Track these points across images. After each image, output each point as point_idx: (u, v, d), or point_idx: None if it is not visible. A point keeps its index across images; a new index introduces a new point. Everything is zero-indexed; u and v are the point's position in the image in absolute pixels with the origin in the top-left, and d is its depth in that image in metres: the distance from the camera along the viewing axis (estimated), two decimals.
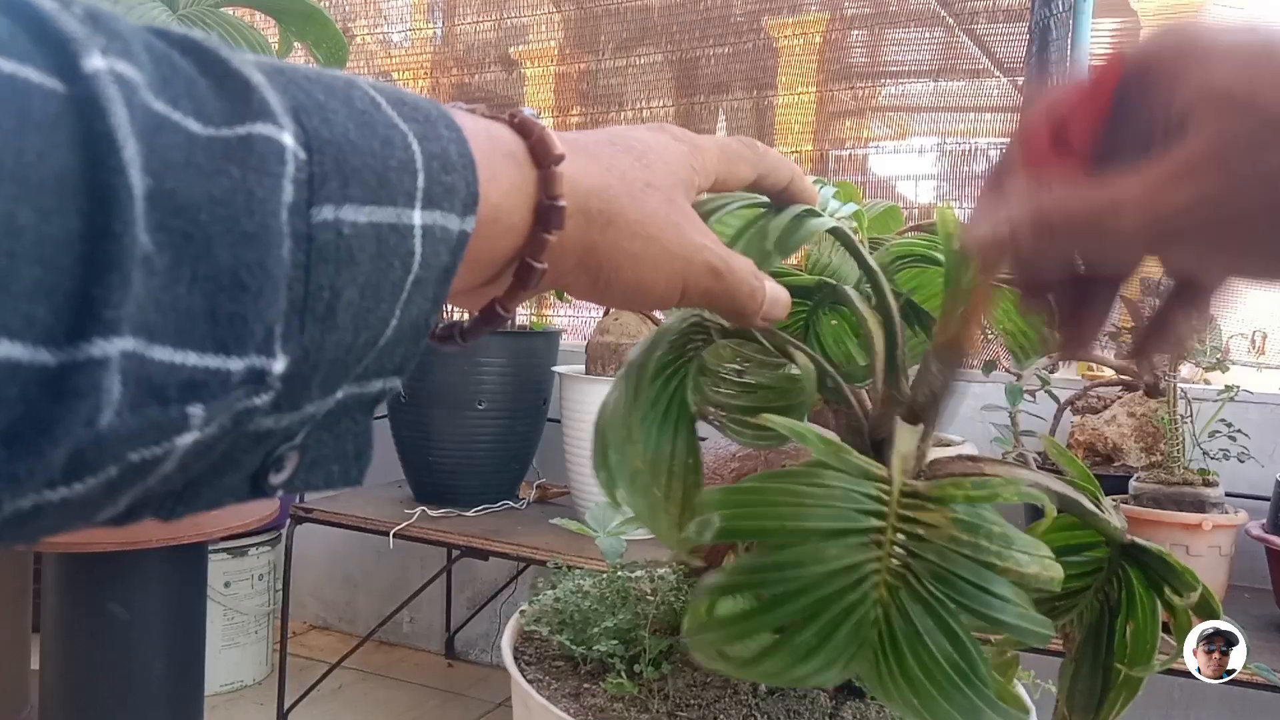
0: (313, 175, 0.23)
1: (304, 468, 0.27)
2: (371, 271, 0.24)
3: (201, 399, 0.22)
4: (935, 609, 0.33)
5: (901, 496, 0.35)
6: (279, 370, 0.23)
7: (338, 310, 0.24)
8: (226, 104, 0.22)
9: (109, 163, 0.19)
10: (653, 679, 0.54)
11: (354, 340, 0.25)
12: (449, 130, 0.27)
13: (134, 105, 0.20)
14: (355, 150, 0.24)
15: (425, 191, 0.26)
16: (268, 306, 0.22)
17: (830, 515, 0.34)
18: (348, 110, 0.25)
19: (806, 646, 0.33)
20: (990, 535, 0.34)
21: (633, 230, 0.34)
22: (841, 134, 2.40)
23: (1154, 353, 0.37)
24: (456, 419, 1.72)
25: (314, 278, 0.23)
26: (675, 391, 0.44)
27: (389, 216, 0.25)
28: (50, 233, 0.18)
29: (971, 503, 0.35)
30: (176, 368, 0.21)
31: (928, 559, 0.34)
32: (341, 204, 0.23)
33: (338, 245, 0.23)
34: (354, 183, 0.24)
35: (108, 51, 0.20)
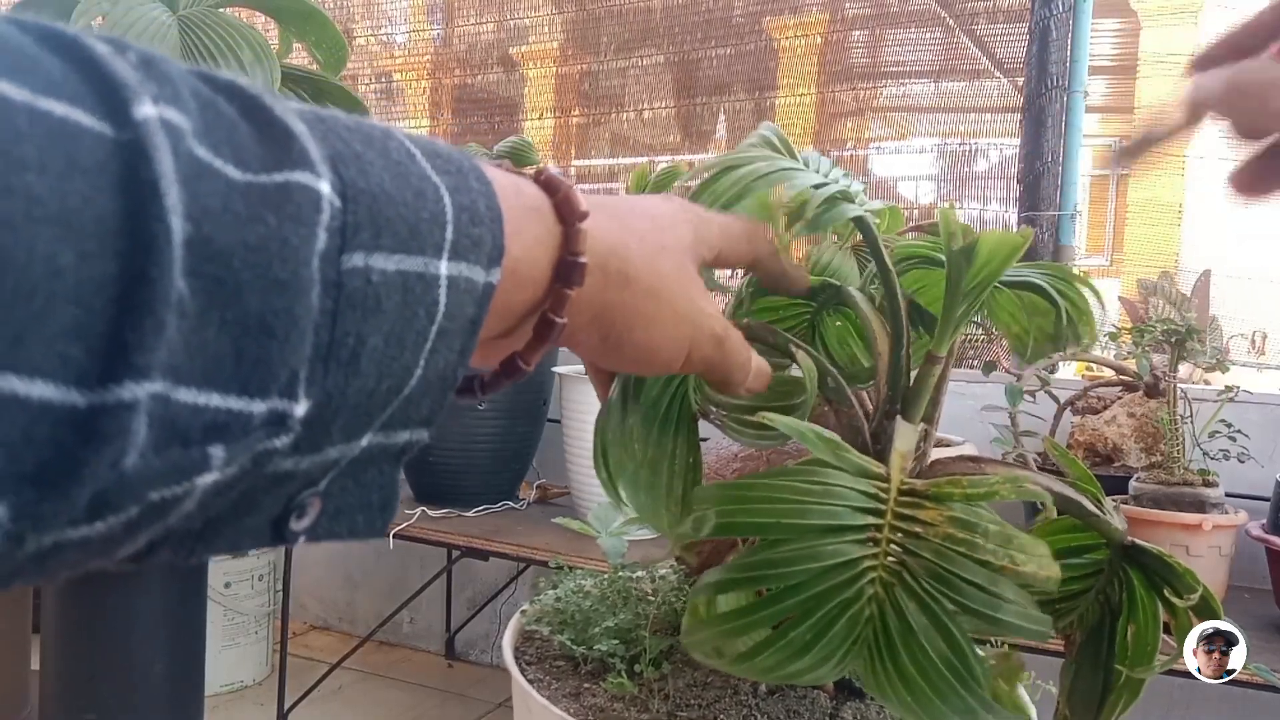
0: (346, 224, 0.23)
1: (327, 515, 0.27)
2: (397, 320, 0.25)
3: (223, 440, 0.22)
4: (931, 607, 0.33)
5: (899, 494, 0.36)
6: (300, 414, 0.23)
7: (361, 357, 0.24)
8: (266, 151, 0.23)
9: (151, 209, 0.19)
10: (653, 679, 0.54)
11: (377, 387, 0.25)
12: (479, 183, 0.28)
13: (179, 153, 0.20)
14: (390, 201, 0.25)
15: (453, 244, 0.26)
16: (293, 352, 0.22)
17: (827, 512, 0.34)
18: (384, 161, 0.25)
19: (801, 642, 0.33)
20: (987, 534, 0.34)
21: (647, 291, 0.35)
22: (842, 134, 2.40)
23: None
24: (456, 419, 1.72)
25: (340, 324, 0.23)
26: (677, 390, 0.44)
27: (417, 266, 0.25)
28: (89, 275, 0.19)
29: (969, 501, 0.35)
30: (201, 409, 0.21)
31: (924, 557, 0.34)
32: (372, 252, 0.24)
33: (365, 293, 0.24)
34: (386, 233, 0.24)
35: (159, 99, 0.20)
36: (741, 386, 0.40)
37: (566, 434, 1.64)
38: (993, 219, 2.14)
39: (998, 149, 2.17)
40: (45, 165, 0.18)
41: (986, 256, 0.42)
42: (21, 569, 0.20)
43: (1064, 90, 1.82)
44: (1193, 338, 1.32)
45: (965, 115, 2.23)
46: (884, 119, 2.38)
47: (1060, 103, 1.83)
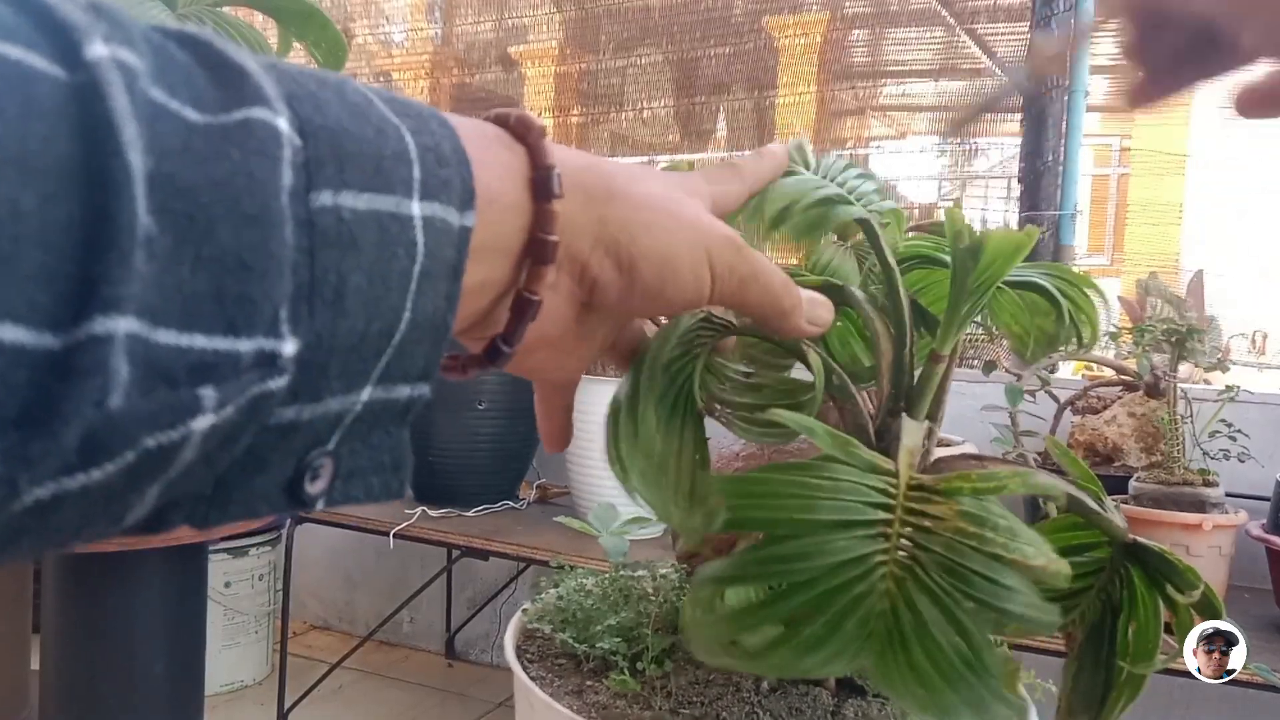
0: (309, 160, 0.23)
1: (341, 478, 0.27)
2: (376, 259, 0.24)
3: (213, 381, 0.22)
4: (942, 600, 0.33)
5: (908, 489, 0.36)
6: (289, 352, 0.23)
7: (346, 296, 0.24)
8: (222, 92, 0.22)
9: (108, 146, 0.19)
10: (655, 676, 0.54)
11: (366, 329, 0.25)
12: (440, 127, 0.28)
13: (134, 91, 0.20)
14: (350, 137, 0.24)
15: (422, 183, 0.26)
16: (273, 287, 0.22)
17: (838, 507, 0.34)
18: (340, 101, 0.25)
19: (815, 638, 0.33)
20: (996, 527, 0.34)
21: (637, 203, 0.34)
22: (842, 133, 2.40)
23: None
24: (456, 419, 1.73)
25: (319, 262, 0.23)
26: (683, 387, 0.44)
27: (389, 205, 0.25)
28: (53, 217, 0.19)
29: (978, 495, 0.35)
30: (184, 350, 0.21)
31: (934, 551, 0.34)
32: (340, 189, 0.24)
33: (339, 230, 0.23)
34: (350, 169, 0.24)
35: (110, 39, 0.20)
36: (798, 314, 0.38)
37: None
38: (993, 218, 2.14)
39: (998, 148, 2.17)
40: (2, 110, 0.18)
41: (992, 255, 0.42)
42: (24, 526, 0.20)
43: (1064, 90, 1.82)
44: (1193, 337, 1.32)
45: None
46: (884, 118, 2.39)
47: (1061, 102, 1.83)
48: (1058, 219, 1.84)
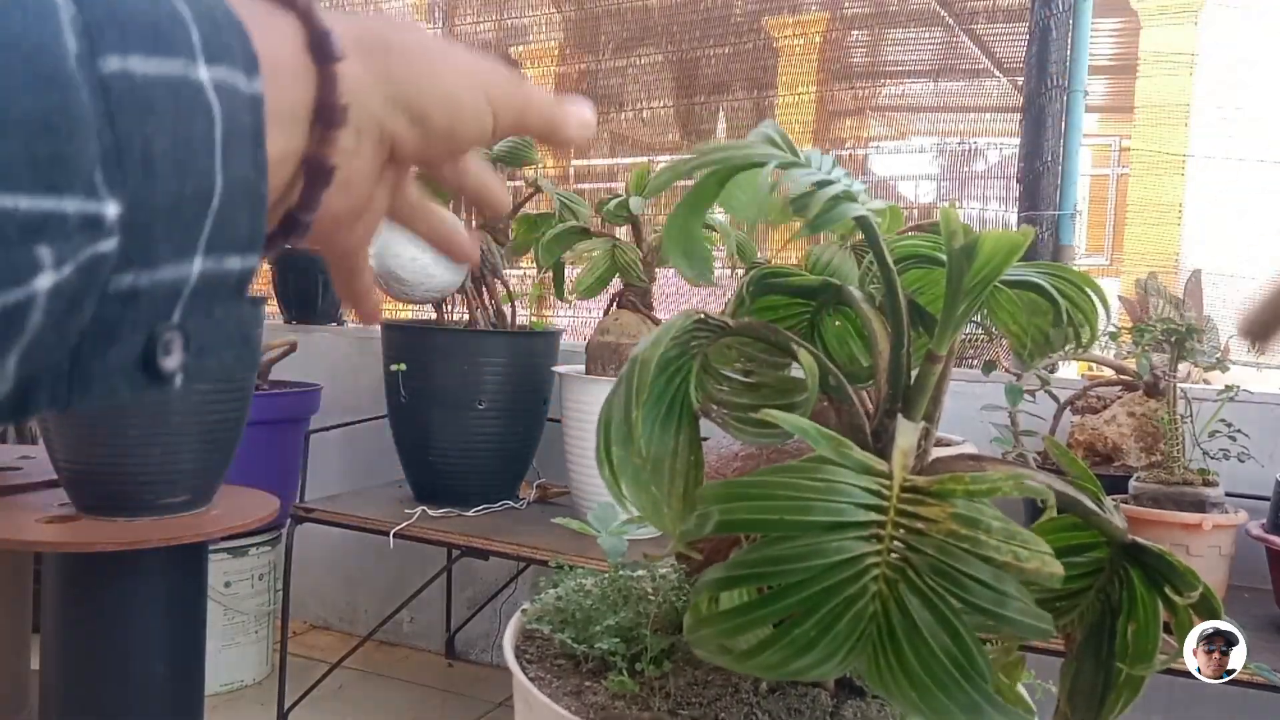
0: (89, 24, 0.23)
1: (193, 353, 0.28)
2: (176, 122, 0.25)
3: (45, 240, 0.22)
4: (934, 603, 0.33)
5: (902, 491, 0.36)
6: (112, 214, 0.24)
7: (154, 159, 0.24)
8: None
9: None
10: (654, 677, 0.54)
11: (181, 190, 0.25)
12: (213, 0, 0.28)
13: None
14: (123, 3, 0.25)
15: (204, 48, 0.26)
16: (82, 147, 0.23)
17: (830, 509, 0.34)
18: None
19: (806, 638, 0.33)
20: (990, 530, 0.34)
21: (415, 54, 0.34)
22: (841, 133, 2.40)
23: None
24: (456, 419, 1.72)
25: (119, 125, 0.24)
26: (679, 388, 0.44)
27: (176, 69, 0.25)
28: None
29: (971, 497, 0.35)
30: (10, 212, 0.22)
31: (927, 553, 0.34)
32: (126, 54, 0.24)
33: (134, 94, 0.24)
34: (132, 33, 0.24)
35: None
36: (570, 125, 0.39)
37: (566, 434, 1.64)
38: (993, 218, 2.14)
39: (997, 148, 2.17)
40: None
41: (988, 255, 0.42)
42: None
43: (1064, 90, 1.82)
44: (1192, 337, 1.32)
45: (965, 114, 2.23)
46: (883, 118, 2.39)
47: (1060, 102, 1.83)
48: (1057, 219, 1.84)
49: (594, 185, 2.84)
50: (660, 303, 1.72)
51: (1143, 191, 5.42)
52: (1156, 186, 5.32)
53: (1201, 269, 1.53)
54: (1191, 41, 5.42)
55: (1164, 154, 5.26)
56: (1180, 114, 5.36)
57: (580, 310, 2.42)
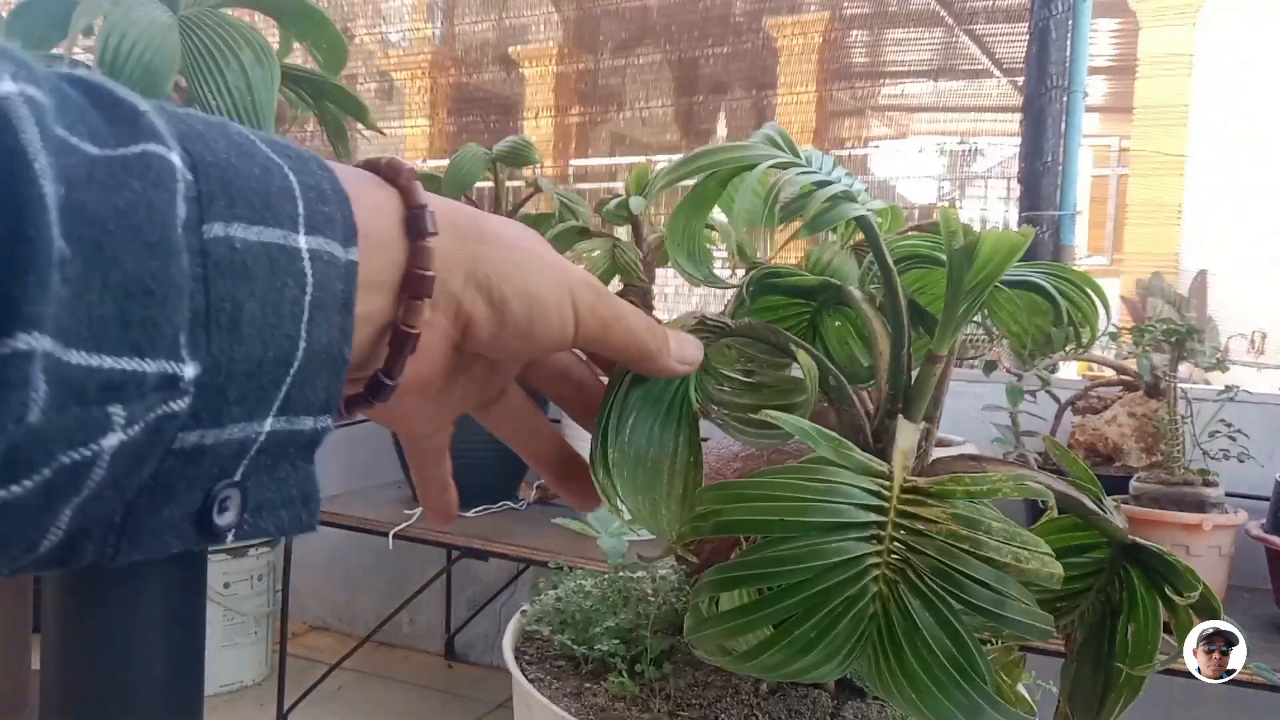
0: (201, 194, 0.24)
1: (249, 510, 0.28)
2: (268, 288, 0.26)
3: (121, 400, 0.23)
4: (935, 604, 0.33)
5: (902, 492, 0.36)
6: (190, 375, 0.24)
7: (241, 323, 0.25)
8: (117, 129, 0.24)
9: (22, 174, 0.20)
10: (654, 679, 0.54)
11: (263, 355, 0.26)
12: (320, 168, 0.29)
13: (43, 125, 0.21)
14: (238, 174, 0.26)
15: (307, 218, 0.27)
16: (174, 312, 0.23)
17: (830, 509, 0.34)
18: (227, 141, 0.26)
19: (805, 640, 0.33)
20: (990, 530, 0.34)
21: (508, 244, 0.35)
22: (841, 133, 2.40)
23: None
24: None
25: (213, 289, 0.24)
26: (678, 389, 0.44)
27: (277, 237, 0.26)
28: None
29: (971, 498, 0.35)
30: (94, 370, 0.22)
31: (927, 554, 0.34)
32: (230, 222, 0.25)
33: (232, 260, 0.25)
34: (240, 203, 0.25)
35: (17, 77, 0.21)
36: (665, 354, 0.39)
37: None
38: (993, 218, 2.14)
39: (997, 148, 2.17)
40: None
41: (988, 255, 0.42)
42: None
43: (1064, 90, 1.82)
44: (1192, 337, 1.32)
45: (965, 114, 2.23)
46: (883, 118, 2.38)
47: (1060, 102, 1.83)
48: (1057, 219, 1.84)
49: (594, 185, 2.83)
50: (660, 303, 1.72)
51: (1143, 192, 5.42)
52: (1156, 187, 5.32)
53: (1206, 270, 1.53)
54: (1190, 42, 5.43)
55: (1164, 154, 5.26)
56: (1180, 114, 5.36)
57: None
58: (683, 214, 0.46)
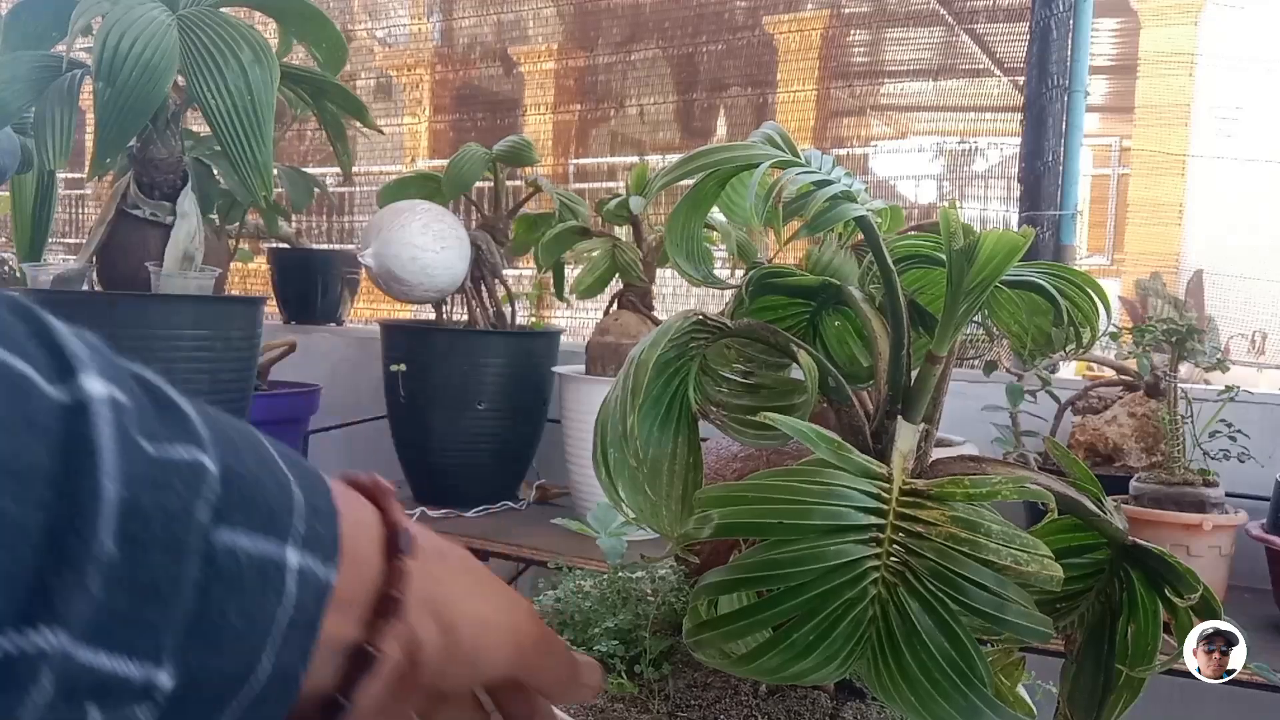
0: (223, 501, 0.26)
1: None
2: (254, 603, 0.26)
3: (100, 702, 0.23)
4: (934, 607, 0.33)
5: (901, 494, 0.35)
6: (166, 686, 0.24)
7: (223, 636, 0.26)
8: (169, 429, 0.25)
9: (87, 470, 0.22)
10: (653, 679, 0.54)
11: (233, 671, 0.26)
12: (322, 486, 0.31)
13: (120, 428, 0.23)
14: (257, 487, 0.27)
15: (304, 536, 0.28)
16: (171, 616, 0.24)
17: (830, 512, 0.34)
18: (254, 454, 0.28)
19: (804, 642, 0.33)
20: (989, 533, 0.34)
21: (460, 568, 0.37)
22: (841, 133, 2.40)
23: None
24: (456, 419, 1.72)
25: (208, 597, 0.25)
26: (677, 390, 0.44)
27: (273, 550, 0.27)
28: (23, 523, 0.20)
29: (971, 500, 0.35)
30: (92, 670, 0.22)
31: (927, 557, 0.34)
32: (237, 530, 0.26)
33: (233, 570, 0.26)
34: (252, 514, 0.27)
35: (105, 375, 0.23)
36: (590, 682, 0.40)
37: (566, 434, 1.64)
38: (993, 218, 2.14)
39: (998, 148, 2.17)
40: (2, 419, 0.20)
41: (988, 256, 0.42)
42: None
43: (1064, 89, 1.82)
44: (1193, 337, 1.32)
45: (965, 114, 2.23)
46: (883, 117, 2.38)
47: (1061, 102, 1.82)
48: (1058, 219, 1.83)
49: (594, 185, 2.83)
50: (660, 303, 1.72)
51: (1143, 191, 5.41)
52: (1157, 186, 5.31)
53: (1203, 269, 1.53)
54: (1191, 42, 5.42)
55: (1164, 154, 5.26)
56: (1180, 114, 5.36)
57: (580, 310, 2.42)
58: (682, 214, 0.46)
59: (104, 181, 1.90)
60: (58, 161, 1.29)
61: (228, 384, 1.43)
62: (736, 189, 0.46)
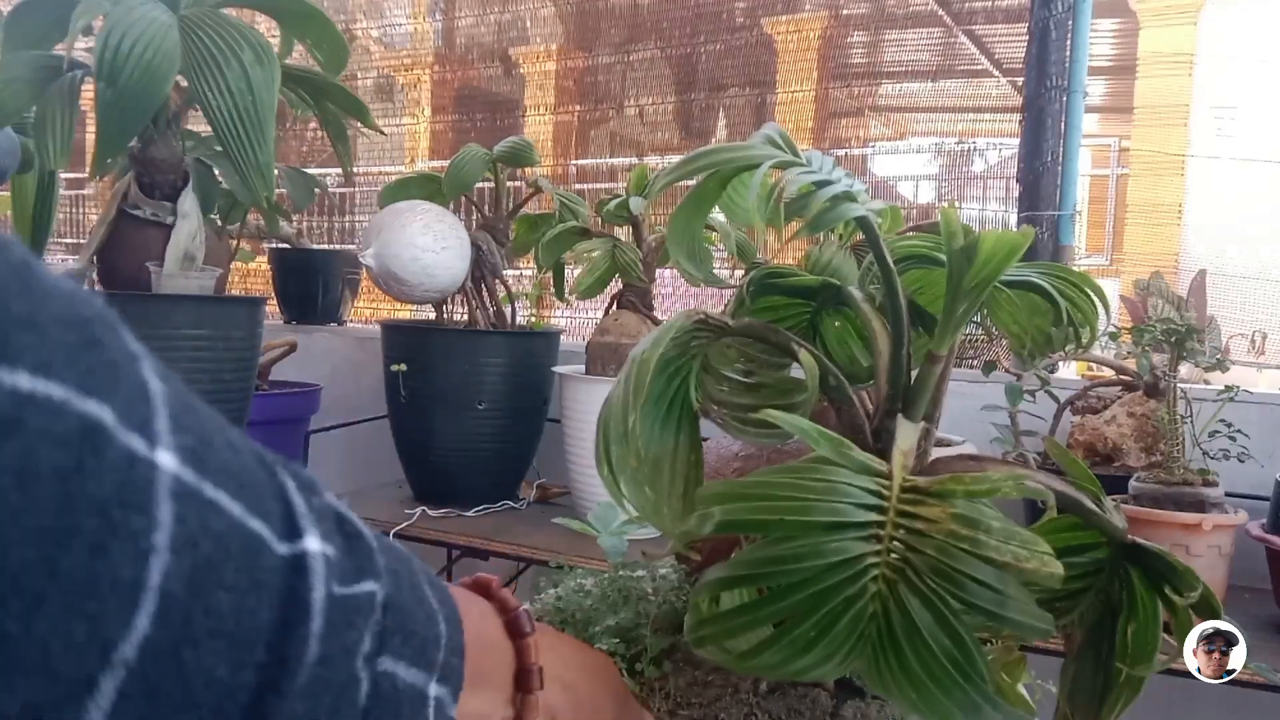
0: (385, 630, 0.27)
1: None
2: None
3: None
4: (934, 603, 0.33)
5: (902, 491, 0.36)
6: None
7: None
8: (353, 562, 0.26)
9: (299, 631, 0.23)
10: (654, 678, 0.54)
11: None
12: (453, 611, 0.32)
13: (329, 583, 0.24)
14: (411, 617, 0.29)
15: (442, 667, 0.30)
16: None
17: (830, 509, 0.34)
18: (410, 584, 0.29)
19: (805, 639, 0.34)
20: (990, 530, 0.34)
21: (556, 633, 0.42)
22: (840, 133, 2.40)
23: None
24: (456, 419, 1.72)
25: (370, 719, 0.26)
26: (679, 388, 0.44)
27: (420, 681, 0.29)
28: (234, 683, 0.21)
29: (971, 497, 0.35)
30: None
31: (927, 553, 0.34)
32: (398, 660, 0.27)
33: (392, 697, 0.27)
34: (408, 644, 0.28)
35: (318, 530, 0.24)
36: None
37: (566, 434, 1.64)
38: (992, 219, 2.14)
39: (997, 149, 2.17)
40: (235, 584, 0.21)
41: (987, 255, 0.42)
42: None
43: (1063, 90, 1.82)
44: (1192, 337, 1.32)
45: (964, 115, 2.23)
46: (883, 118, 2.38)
47: (1060, 103, 1.83)
48: (1057, 219, 1.84)
49: (594, 186, 2.83)
50: (660, 303, 1.72)
51: (1143, 192, 5.42)
52: (1156, 187, 5.31)
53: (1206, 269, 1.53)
54: (1191, 42, 5.42)
55: (1164, 154, 5.26)
56: (1180, 114, 5.36)
57: (580, 310, 2.43)
58: (683, 214, 0.47)
59: (105, 182, 1.91)
60: (58, 161, 1.29)
61: (228, 384, 1.44)
62: (737, 189, 0.46)
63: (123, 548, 0.19)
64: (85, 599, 0.18)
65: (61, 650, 0.18)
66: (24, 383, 0.18)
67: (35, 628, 0.18)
